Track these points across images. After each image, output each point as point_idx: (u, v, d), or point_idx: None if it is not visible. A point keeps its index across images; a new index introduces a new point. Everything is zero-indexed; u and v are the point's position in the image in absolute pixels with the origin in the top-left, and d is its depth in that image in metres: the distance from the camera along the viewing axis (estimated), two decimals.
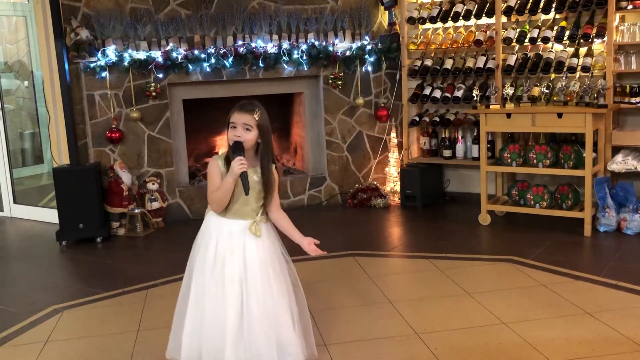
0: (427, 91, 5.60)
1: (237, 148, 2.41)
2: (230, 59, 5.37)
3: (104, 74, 5.16)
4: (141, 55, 5.19)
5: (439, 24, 5.57)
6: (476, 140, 5.36)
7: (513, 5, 5.07)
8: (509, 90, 4.89)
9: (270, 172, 2.50)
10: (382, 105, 5.90)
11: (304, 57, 5.56)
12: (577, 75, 4.86)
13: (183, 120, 5.58)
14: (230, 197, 2.47)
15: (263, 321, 2.45)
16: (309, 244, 2.58)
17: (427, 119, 5.65)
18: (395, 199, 5.77)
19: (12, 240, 5.40)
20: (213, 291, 2.45)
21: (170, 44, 5.29)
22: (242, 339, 2.44)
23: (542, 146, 4.67)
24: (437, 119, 5.58)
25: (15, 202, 6.12)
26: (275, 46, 5.48)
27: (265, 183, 2.49)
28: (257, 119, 2.45)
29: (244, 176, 2.39)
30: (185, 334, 2.50)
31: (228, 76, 5.47)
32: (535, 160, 4.67)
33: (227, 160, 2.47)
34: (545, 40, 4.96)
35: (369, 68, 5.85)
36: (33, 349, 3.07)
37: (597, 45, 4.83)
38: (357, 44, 5.74)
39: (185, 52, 5.25)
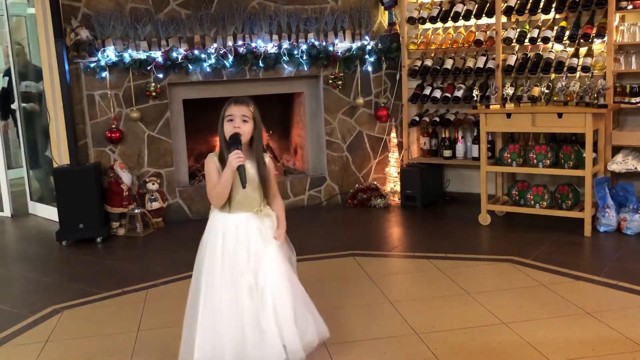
0: (427, 91, 5.60)
1: (234, 141, 2.46)
2: (230, 59, 5.37)
3: (104, 74, 5.16)
4: (141, 55, 5.19)
5: (439, 24, 5.57)
6: (476, 140, 5.36)
7: (513, 5, 5.07)
8: (509, 90, 4.89)
9: (264, 162, 2.57)
10: (382, 105, 5.90)
11: (304, 57, 5.56)
12: (577, 75, 4.86)
13: (183, 120, 5.58)
14: (231, 192, 2.50)
15: (276, 313, 2.49)
16: (277, 236, 2.59)
17: (427, 119, 5.65)
18: (395, 199, 5.77)
19: (12, 240, 5.40)
20: (225, 288, 2.47)
21: (170, 44, 5.29)
22: (258, 334, 2.46)
23: (542, 146, 4.67)
24: (437, 119, 5.58)
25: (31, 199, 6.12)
26: (275, 46, 5.48)
27: (262, 174, 2.54)
28: (252, 111, 2.53)
29: (241, 169, 2.43)
30: (198, 336, 2.50)
31: (228, 76, 5.47)
32: (535, 160, 4.67)
33: (222, 158, 2.52)
34: (545, 40, 4.96)
35: (369, 68, 5.85)
36: (33, 349, 3.07)
37: (597, 45, 4.83)
38: (357, 44, 5.74)
39: (185, 52, 5.25)
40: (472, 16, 5.32)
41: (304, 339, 2.56)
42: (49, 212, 5.77)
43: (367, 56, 5.75)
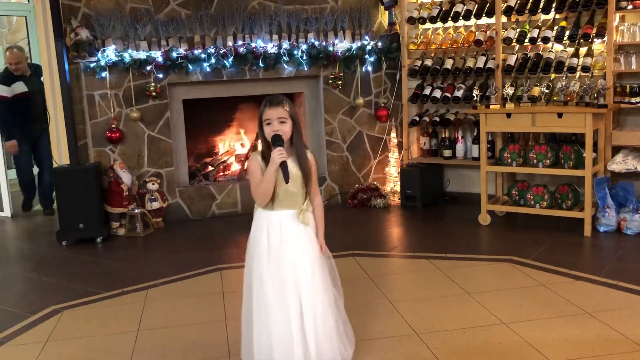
0: (427, 91, 5.60)
1: (276, 140, 2.47)
2: (230, 59, 5.37)
3: (104, 74, 5.16)
4: (141, 55, 5.19)
5: (439, 24, 5.57)
6: (476, 140, 5.36)
7: (513, 5, 5.07)
8: (509, 90, 4.89)
9: (307, 159, 2.57)
10: (382, 105, 5.89)
11: (304, 57, 5.56)
12: (577, 75, 4.86)
13: (183, 120, 5.58)
14: (275, 189, 2.51)
15: (322, 309, 2.53)
16: (322, 250, 2.64)
17: (427, 119, 5.65)
18: (395, 199, 5.77)
19: (12, 240, 5.40)
20: (272, 286, 2.49)
21: (170, 44, 5.29)
22: (306, 333, 2.49)
23: (542, 146, 4.67)
24: (437, 119, 5.58)
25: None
26: (275, 46, 5.48)
27: (304, 170, 2.55)
28: (288, 110, 2.52)
29: (284, 165, 2.45)
30: (255, 333, 2.53)
31: (228, 76, 5.47)
32: (535, 160, 4.67)
33: (264, 156, 2.54)
34: (545, 40, 4.96)
35: (369, 68, 5.85)
36: (33, 349, 3.07)
37: (597, 45, 4.82)
38: (357, 44, 5.74)
39: (185, 52, 5.25)
40: (472, 16, 5.32)
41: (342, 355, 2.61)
42: None
43: (367, 56, 5.75)
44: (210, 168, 5.95)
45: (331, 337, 2.57)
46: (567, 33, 4.85)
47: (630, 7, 4.62)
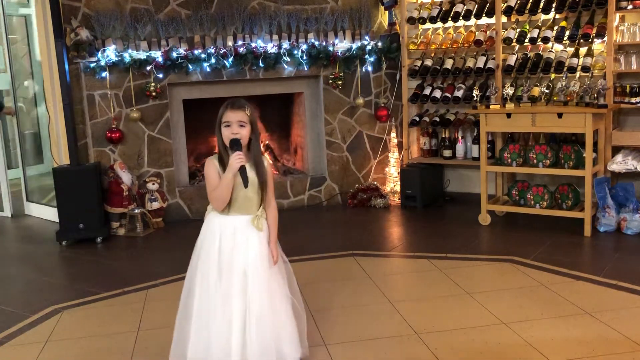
0: (427, 91, 5.60)
1: (234, 144, 2.47)
2: (230, 59, 5.37)
3: (104, 74, 5.16)
4: (141, 55, 5.19)
5: (439, 24, 5.57)
6: (476, 140, 5.36)
7: (513, 5, 5.07)
8: (509, 90, 4.89)
9: (263, 165, 2.58)
10: (382, 105, 5.89)
11: (304, 57, 5.56)
12: (577, 75, 4.86)
13: (183, 120, 5.58)
14: (232, 194, 2.50)
15: (266, 317, 2.49)
16: (275, 260, 2.60)
17: (427, 119, 5.65)
18: (395, 199, 5.77)
19: (12, 240, 5.40)
20: (220, 290, 2.47)
21: (170, 44, 5.29)
22: (246, 338, 2.46)
23: (542, 146, 4.67)
24: (437, 119, 5.58)
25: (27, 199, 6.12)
26: (275, 46, 5.48)
27: (261, 175, 2.55)
28: (249, 114, 2.51)
29: (242, 170, 2.45)
30: (192, 337, 2.51)
31: (228, 76, 5.47)
32: (535, 160, 4.67)
33: (221, 160, 2.53)
34: (545, 40, 4.96)
35: (369, 68, 5.85)
36: (33, 349, 3.07)
37: (597, 45, 4.83)
38: (357, 44, 5.74)
39: (185, 52, 5.25)
40: (472, 16, 5.32)
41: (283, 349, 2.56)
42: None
43: (367, 56, 5.75)
44: None
45: (274, 344, 2.51)
46: (567, 33, 4.85)
47: (630, 7, 4.62)
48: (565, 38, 4.85)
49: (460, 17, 5.37)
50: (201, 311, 2.50)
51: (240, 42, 5.44)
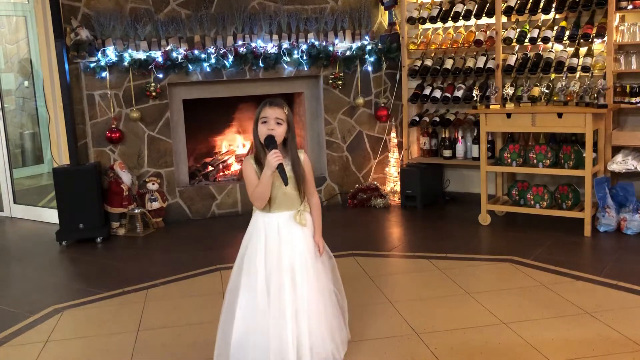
0: (427, 91, 5.60)
1: (270, 142, 2.50)
2: (230, 59, 5.37)
3: (104, 74, 5.16)
4: (141, 55, 5.19)
5: (439, 24, 5.57)
6: (476, 140, 5.36)
7: (513, 5, 5.07)
8: (509, 90, 4.89)
9: (300, 162, 2.61)
10: (382, 105, 5.89)
11: (304, 57, 5.56)
12: (577, 75, 4.86)
13: (183, 120, 5.58)
14: (272, 192, 2.54)
15: (317, 313, 2.54)
16: (320, 251, 2.66)
17: (427, 119, 5.65)
18: (395, 199, 5.77)
19: (12, 240, 5.40)
20: (269, 291, 2.50)
21: (170, 44, 5.29)
22: (300, 333, 2.50)
23: (542, 146, 4.67)
24: (437, 119, 5.58)
25: (15, 202, 6.11)
26: (275, 46, 5.48)
27: (297, 172, 2.58)
28: (286, 113, 2.56)
29: (280, 168, 2.47)
30: (234, 334, 2.53)
31: (228, 76, 5.47)
32: (535, 160, 4.67)
33: (258, 160, 2.57)
34: (545, 40, 4.96)
35: (369, 68, 5.85)
36: (33, 349, 3.07)
37: (597, 45, 4.82)
38: (357, 44, 5.74)
39: (185, 52, 5.25)
40: (472, 16, 5.32)
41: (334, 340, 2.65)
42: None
43: (367, 56, 5.75)
44: (210, 168, 5.95)
45: (325, 338, 2.58)
46: (567, 33, 4.85)
47: (630, 7, 4.62)
48: (565, 38, 4.85)
49: (460, 17, 5.37)
50: (246, 311, 2.52)
51: (240, 42, 5.44)
